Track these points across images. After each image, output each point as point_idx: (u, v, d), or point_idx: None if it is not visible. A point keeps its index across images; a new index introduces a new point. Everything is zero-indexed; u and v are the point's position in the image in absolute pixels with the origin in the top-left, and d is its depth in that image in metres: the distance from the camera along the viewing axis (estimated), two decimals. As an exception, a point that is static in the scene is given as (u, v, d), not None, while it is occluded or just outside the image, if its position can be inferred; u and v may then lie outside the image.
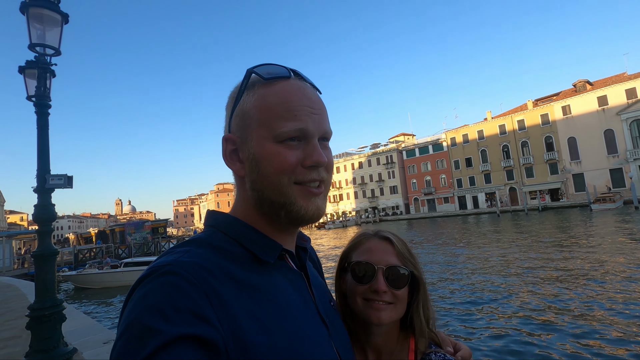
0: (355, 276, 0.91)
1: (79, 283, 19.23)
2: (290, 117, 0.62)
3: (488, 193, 53.79)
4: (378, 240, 0.94)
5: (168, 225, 43.67)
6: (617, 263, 11.61)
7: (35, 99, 3.96)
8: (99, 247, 29.26)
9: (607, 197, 36.32)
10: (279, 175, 0.62)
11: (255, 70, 0.65)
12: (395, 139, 75.81)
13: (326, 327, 0.66)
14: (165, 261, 0.55)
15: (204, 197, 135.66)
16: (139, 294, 0.50)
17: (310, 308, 0.66)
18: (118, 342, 0.47)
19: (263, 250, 0.63)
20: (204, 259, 0.56)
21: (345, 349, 0.71)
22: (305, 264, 0.74)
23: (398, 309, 0.90)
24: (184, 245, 0.61)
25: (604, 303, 8.00)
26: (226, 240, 0.63)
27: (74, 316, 6.29)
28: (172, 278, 0.50)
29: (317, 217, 0.65)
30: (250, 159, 0.64)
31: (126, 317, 0.49)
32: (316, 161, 0.62)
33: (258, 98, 0.63)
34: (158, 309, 0.47)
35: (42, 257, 3.80)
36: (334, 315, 0.76)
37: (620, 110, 42.16)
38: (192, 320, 0.47)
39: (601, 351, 5.85)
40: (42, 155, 3.98)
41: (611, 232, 19.24)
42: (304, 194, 0.63)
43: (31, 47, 3.67)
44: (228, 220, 0.68)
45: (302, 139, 0.63)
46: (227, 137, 0.67)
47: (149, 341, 0.45)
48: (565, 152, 46.95)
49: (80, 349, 4.36)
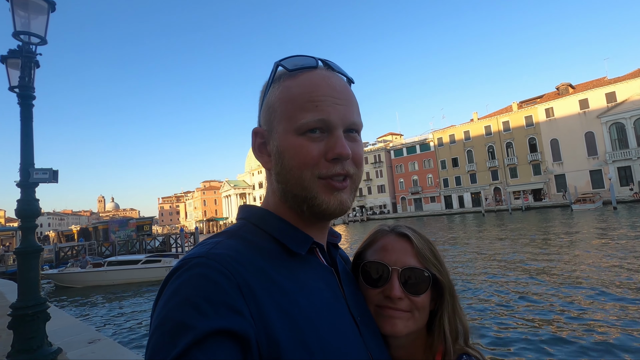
0: (366, 278, 0.80)
1: (61, 282, 18.66)
2: (312, 107, 0.60)
3: (474, 193, 54.74)
4: (395, 238, 0.82)
5: (153, 223, 42.93)
6: (587, 261, 12.01)
7: (18, 90, 3.81)
8: (81, 245, 28.46)
9: (587, 198, 37.44)
10: (302, 169, 0.60)
11: (282, 63, 0.64)
12: (383, 138, 76.37)
13: (357, 325, 0.64)
14: (197, 253, 0.53)
15: (190, 195, 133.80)
16: (171, 287, 0.49)
17: (341, 304, 0.64)
18: (151, 339, 0.46)
19: (294, 242, 0.62)
20: (235, 250, 0.55)
21: (378, 349, 0.69)
22: (336, 259, 0.72)
23: (417, 318, 0.78)
24: (215, 237, 0.60)
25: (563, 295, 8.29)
26: (257, 233, 0.63)
27: (57, 315, 6.09)
28: (205, 270, 0.49)
29: (341, 212, 0.63)
30: (275, 152, 0.63)
31: (159, 313, 0.48)
32: (338, 153, 0.59)
33: (283, 90, 0.63)
34: (191, 303, 0.46)
35: (25, 254, 3.67)
36: (368, 316, 0.74)
37: (601, 114, 43.46)
38: (227, 313, 0.46)
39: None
40: (26, 148, 3.83)
41: (590, 231, 19.84)
42: (327, 188, 0.61)
43: (15, 35, 3.52)
44: (260, 212, 0.67)
45: (325, 131, 0.61)
46: (256, 130, 0.68)
47: (182, 338, 0.43)
48: (548, 154, 48.15)
49: (64, 348, 4.22)
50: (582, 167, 45.28)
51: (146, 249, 29.88)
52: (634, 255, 12.21)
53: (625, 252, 12.92)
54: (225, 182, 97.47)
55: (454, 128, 58.06)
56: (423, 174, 61.34)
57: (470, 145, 55.66)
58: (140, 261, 18.13)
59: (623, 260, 11.68)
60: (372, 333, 0.70)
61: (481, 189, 53.82)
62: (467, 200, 55.44)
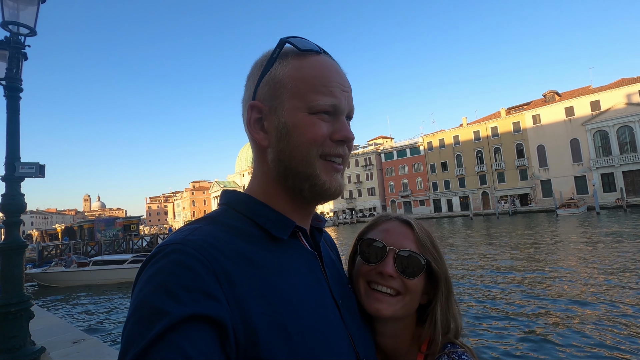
0: (363, 254, 0.81)
1: (44, 281, 18.20)
2: (327, 92, 0.63)
3: (462, 197, 55.42)
4: (398, 223, 0.85)
5: (140, 223, 42.25)
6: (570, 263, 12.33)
7: (5, 82, 3.73)
8: (66, 244, 27.78)
9: (572, 203, 38.27)
10: (309, 146, 0.62)
11: (289, 40, 0.64)
12: (374, 141, 76.80)
13: (338, 309, 0.64)
14: (174, 239, 0.53)
15: (178, 195, 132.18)
16: (147, 274, 0.50)
17: (323, 287, 0.64)
18: (127, 324, 0.47)
19: (276, 227, 0.62)
20: (213, 236, 0.55)
21: (358, 332, 0.69)
22: (320, 244, 0.71)
23: (406, 302, 0.78)
24: (194, 223, 0.59)
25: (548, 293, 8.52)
26: (238, 218, 0.62)
27: (41, 315, 5.95)
28: (181, 257, 0.49)
29: (338, 194, 0.66)
30: (280, 128, 0.63)
31: (134, 299, 0.48)
32: (345, 136, 0.64)
33: (293, 68, 0.63)
34: (166, 289, 0.46)
35: (9, 250, 3.58)
36: (350, 299, 0.74)
37: (585, 121, 44.53)
38: (202, 300, 0.47)
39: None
40: (12, 142, 3.74)
41: (574, 235, 20.32)
42: (327, 169, 0.64)
43: (4, 25, 3.44)
44: (242, 197, 0.66)
45: (332, 115, 0.64)
46: (254, 104, 0.65)
47: (157, 323, 0.44)
48: (535, 159, 49.07)
49: (48, 348, 4.12)
50: (567, 173, 46.26)
51: (133, 248, 29.39)
52: (610, 257, 12.60)
53: (604, 253, 13.32)
54: (215, 183, 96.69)
55: (444, 132, 58.74)
56: (413, 177, 61.85)
57: (459, 150, 56.38)
58: (126, 261, 17.84)
59: (599, 261, 12.06)
60: (354, 316, 0.70)
61: (469, 193, 54.50)
62: (455, 204, 56.08)
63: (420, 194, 60.72)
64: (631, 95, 41.68)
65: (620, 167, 41.93)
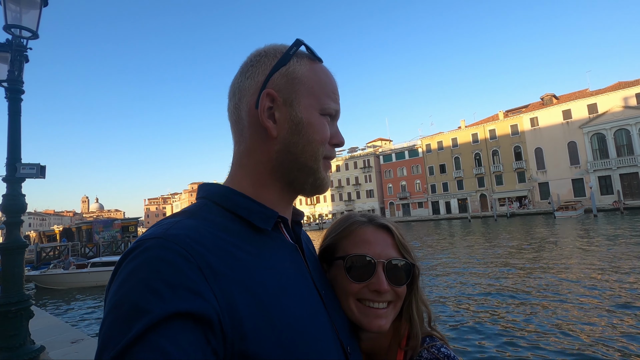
0: (351, 272, 0.76)
1: (43, 283, 18.19)
2: (334, 98, 0.69)
3: (460, 199, 55.53)
4: (374, 229, 0.81)
5: (139, 224, 42.20)
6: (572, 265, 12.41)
7: (7, 84, 3.78)
8: (64, 246, 27.73)
9: (569, 206, 38.41)
10: (320, 144, 0.66)
11: (305, 43, 0.67)
12: (372, 143, 76.88)
13: (322, 299, 0.65)
14: (153, 233, 0.51)
15: (177, 196, 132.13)
16: (126, 270, 0.47)
17: (307, 280, 0.64)
18: (104, 323, 0.44)
19: (259, 218, 0.61)
20: (195, 230, 0.53)
21: (341, 322, 0.71)
22: (300, 236, 0.74)
23: (397, 308, 0.78)
24: (173, 216, 0.57)
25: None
26: (219, 212, 0.61)
27: (40, 315, 5.99)
28: (162, 252, 0.47)
29: (326, 190, 0.73)
30: (296, 122, 0.64)
31: (112, 296, 0.46)
32: (341, 141, 0.71)
33: (311, 70, 0.67)
34: (148, 286, 0.44)
35: (10, 250, 3.63)
36: (329, 289, 0.77)
37: (583, 124, 44.78)
38: (186, 296, 0.44)
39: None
40: (13, 143, 3.80)
41: (574, 236, 20.42)
42: (325, 167, 0.70)
43: (6, 28, 3.49)
44: (221, 190, 0.65)
45: (332, 119, 0.70)
46: (270, 92, 0.64)
47: (137, 322, 0.41)
48: (533, 162, 49.26)
49: (47, 347, 4.15)
50: (564, 175, 46.46)
51: (131, 250, 29.29)
52: (608, 257, 12.69)
53: (601, 254, 13.41)
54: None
55: (442, 135, 58.93)
56: (411, 179, 61.96)
57: (457, 152, 56.55)
58: (124, 262, 17.82)
59: (596, 260, 12.14)
60: (336, 307, 0.74)
61: (468, 196, 54.62)
62: (454, 206, 56.18)
63: (418, 196, 60.81)
64: (628, 98, 41.97)
65: (618, 169, 42.13)
